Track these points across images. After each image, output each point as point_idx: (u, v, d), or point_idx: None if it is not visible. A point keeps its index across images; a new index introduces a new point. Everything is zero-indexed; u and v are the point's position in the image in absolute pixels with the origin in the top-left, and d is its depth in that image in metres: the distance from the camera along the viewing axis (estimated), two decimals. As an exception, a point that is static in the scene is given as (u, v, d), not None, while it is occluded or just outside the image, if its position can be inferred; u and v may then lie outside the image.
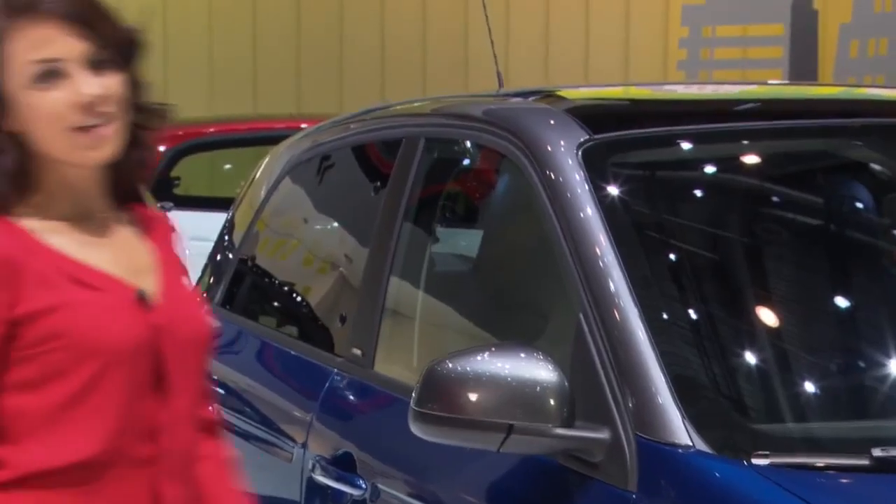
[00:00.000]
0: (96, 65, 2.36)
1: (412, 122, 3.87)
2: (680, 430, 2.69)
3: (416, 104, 4.20)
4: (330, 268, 4.14)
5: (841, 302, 3.35)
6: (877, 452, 2.64)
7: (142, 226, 2.53)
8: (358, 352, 3.58)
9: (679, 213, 3.41)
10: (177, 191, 9.91)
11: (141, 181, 2.55)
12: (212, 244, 7.97)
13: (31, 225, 2.40)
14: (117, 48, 2.39)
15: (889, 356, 3.02)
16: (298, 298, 4.26)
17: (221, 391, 4.01)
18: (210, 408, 2.62)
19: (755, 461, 2.64)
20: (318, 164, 4.33)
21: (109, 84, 2.35)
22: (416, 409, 2.78)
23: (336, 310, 3.85)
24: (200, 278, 4.71)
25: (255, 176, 4.70)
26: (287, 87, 15.75)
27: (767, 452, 2.65)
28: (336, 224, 4.19)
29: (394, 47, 16.16)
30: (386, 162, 3.84)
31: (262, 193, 4.48)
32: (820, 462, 2.67)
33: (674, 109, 4.01)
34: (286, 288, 4.36)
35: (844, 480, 2.65)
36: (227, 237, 4.65)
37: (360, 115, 4.31)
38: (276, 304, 4.34)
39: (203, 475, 2.53)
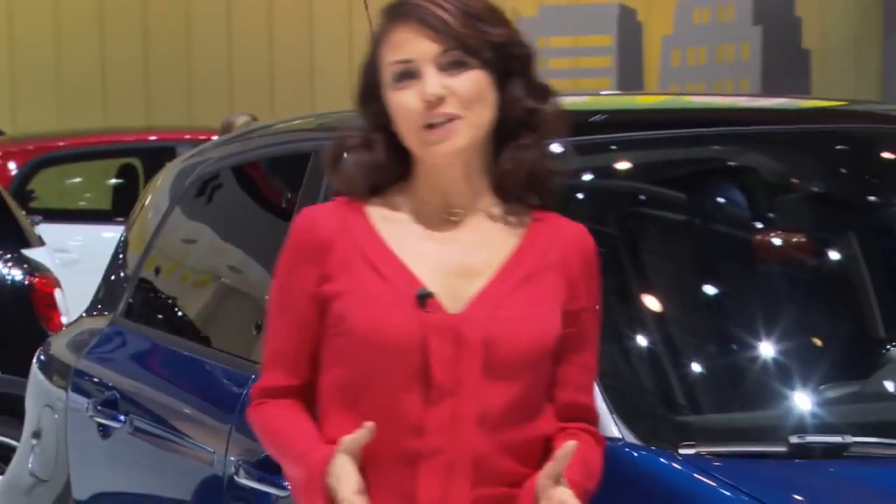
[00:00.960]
0: (448, 66, 2.37)
1: (321, 136, 3.85)
2: (609, 424, 2.69)
3: (315, 119, 4.18)
4: (245, 280, 4.09)
5: (757, 301, 3.36)
6: (794, 440, 2.72)
7: (524, 225, 2.47)
8: None
9: (591, 215, 3.31)
10: (33, 203, 9.66)
11: (517, 176, 2.44)
12: (69, 255, 7.91)
13: (379, 212, 2.45)
14: (475, 50, 2.37)
15: (802, 352, 3.10)
16: (210, 311, 4.21)
17: (139, 400, 4.03)
18: (546, 423, 2.44)
19: (682, 451, 2.67)
20: (217, 177, 4.30)
21: (455, 84, 2.36)
22: None
23: (253, 319, 3.81)
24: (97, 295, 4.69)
25: (145, 196, 4.63)
26: (137, 100, 15.51)
27: (693, 443, 2.69)
28: (244, 236, 4.15)
29: (241, 59, 16.00)
30: (290, 175, 3.82)
31: (158, 210, 4.42)
32: (742, 450, 2.72)
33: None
34: (197, 301, 4.31)
35: (765, 466, 2.69)
36: (121, 255, 4.59)
37: (259, 130, 4.31)
38: (189, 315, 4.29)
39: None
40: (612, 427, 2.69)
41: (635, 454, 2.66)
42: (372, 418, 2.33)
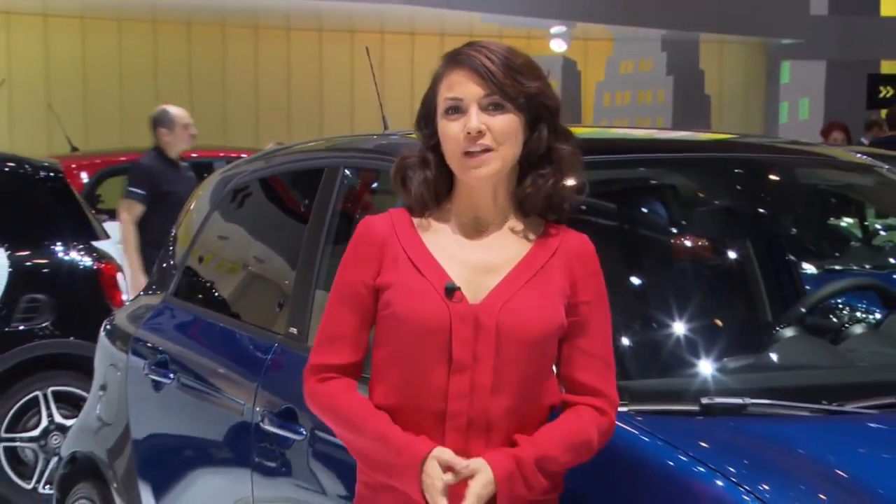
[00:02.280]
0: (488, 107, 2.38)
1: (331, 155, 3.84)
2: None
3: (325, 142, 4.16)
4: (270, 267, 4.07)
5: (674, 291, 3.38)
6: (705, 400, 2.70)
7: (538, 235, 2.48)
8: (294, 330, 3.52)
9: None
10: (100, 205, 9.58)
11: (536, 201, 2.45)
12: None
13: (422, 223, 2.47)
14: (512, 97, 2.38)
15: (709, 331, 3.12)
16: (243, 292, 4.18)
17: (185, 361, 3.99)
18: (576, 395, 2.46)
19: (621, 409, 2.60)
20: (249, 187, 4.26)
21: (493, 122, 2.38)
22: None
23: (276, 299, 3.80)
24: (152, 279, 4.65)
25: (191, 200, 4.59)
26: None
27: (626, 402, 2.66)
28: (271, 233, 4.12)
29: (265, 95, 15.97)
30: (308, 186, 3.80)
31: (202, 211, 4.38)
32: (662, 408, 2.70)
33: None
34: (233, 283, 4.28)
35: (680, 421, 2.66)
36: (172, 246, 4.55)
37: (281, 150, 4.27)
38: (225, 295, 4.26)
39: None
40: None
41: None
42: (406, 383, 2.41)
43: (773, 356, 3.08)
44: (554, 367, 2.49)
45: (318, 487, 3.24)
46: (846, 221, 4.89)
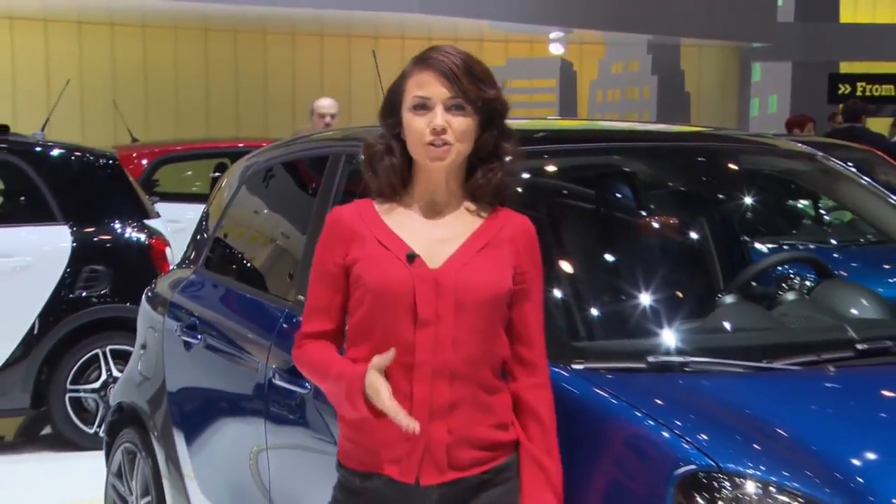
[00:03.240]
0: (452, 107, 2.37)
1: (335, 144, 3.81)
2: None
3: (334, 133, 4.14)
4: (281, 243, 4.04)
5: (628, 261, 3.34)
6: (651, 359, 2.70)
7: (486, 215, 2.47)
8: (301, 298, 3.45)
9: (529, 203, 3.31)
10: (157, 189, 9.61)
11: (487, 189, 2.45)
12: (184, 226, 7.85)
13: (383, 207, 2.47)
14: (472, 99, 2.38)
15: (662, 299, 3.06)
16: (260, 263, 4.16)
17: (210, 325, 3.97)
18: (522, 349, 2.45)
19: (574, 366, 2.65)
20: (272, 170, 4.24)
21: (454, 122, 2.37)
22: None
23: (287, 270, 3.78)
24: (186, 253, 4.63)
25: (222, 181, 4.57)
26: (230, 120, 15.53)
27: (582, 360, 2.67)
28: (284, 212, 4.10)
29: (301, 93, 15.95)
30: (317, 170, 3.78)
31: (229, 192, 4.36)
32: (615, 365, 2.69)
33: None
34: (252, 256, 4.26)
35: (632, 377, 2.65)
36: (204, 222, 4.54)
37: (300, 138, 4.24)
38: (246, 267, 4.25)
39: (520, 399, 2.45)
40: None
41: (546, 368, 2.58)
42: (379, 341, 2.39)
43: (715, 320, 3.06)
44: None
45: (319, 435, 3.22)
46: (789, 202, 4.84)
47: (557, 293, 2.98)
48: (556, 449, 2.43)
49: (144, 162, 9.77)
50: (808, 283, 3.43)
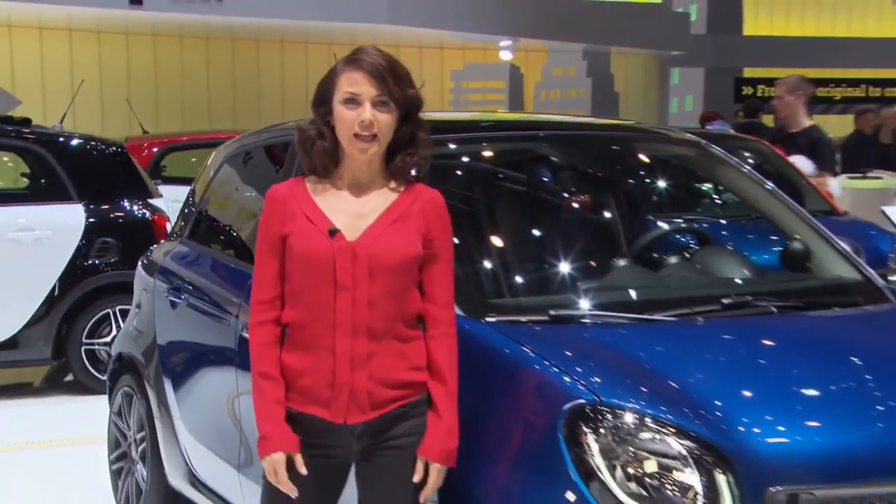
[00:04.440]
0: (377, 104, 2.33)
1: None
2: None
3: (292, 123, 4.08)
4: (252, 215, 3.97)
5: (540, 231, 3.33)
6: (552, 312, 2.69)
7: (400, 190, 2.43)
8: None
9: (464, 183, 3.37)
10: (164, 174, 9.52)
11: (405, 170, 2.43)
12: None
13: (313, 186, 2.43)
14: (395, 98, 2.35)
15: (559, 262, 3.04)
16: (234, 233, 4.10)
17: (192, 286, 3.93)
18: (431, 307, 2.41)
19: (487, 319, 2.64)
20: (246, 154, 4.18)
21: (379, 117, 2.33)
22: None
23: (255, 239, 3.73)
24: (174, 225, 4.57)
25: (206, 163, 4.53)
26: (227, 115, 15.45)
27: (495, 315, 2.66)
28: (256, 189, 4.04)
29: (290, 94, 15.88)
30: (283, 154, 3.74)
31: (211, 173, 4.33)
32: (523, 319, 2.67)
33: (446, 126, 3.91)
34: (227, 227, 4.21)
35: (536, 328, 2.64)
36: (190, 199, 4.49)
37: (266, 128, 4.18)
38: (221, 237, 4.20)
39: (430, 349, 2.41)
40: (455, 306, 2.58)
41: (464, 323, 2.56)
42: (307, 304, 2.37)
43: (608, 281, 3.05)
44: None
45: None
46: (678, 182, 4.83)
47: (475, 258, 2.96)
48: (453, 393, 2.40)
49: (154, 150, 9.69)
50: (690, 249, 3.43)
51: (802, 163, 6.93)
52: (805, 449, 2.27)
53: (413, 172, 2.45)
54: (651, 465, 2.23)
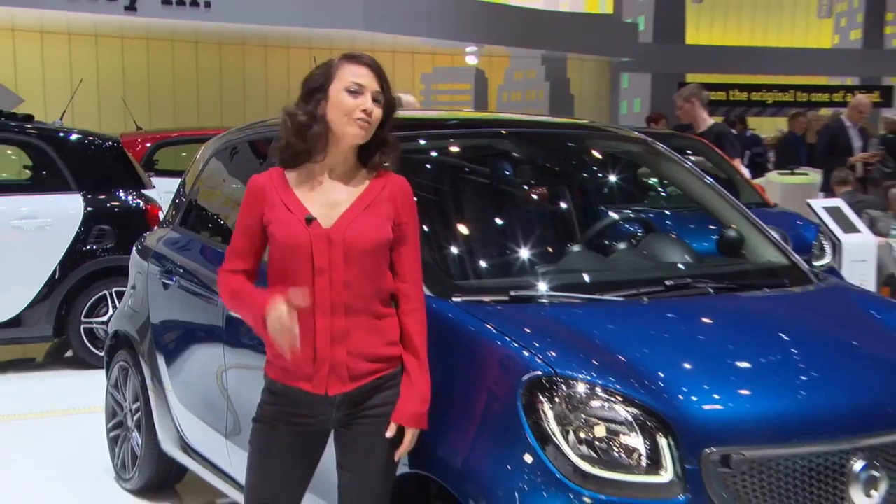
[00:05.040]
0: (375, 99, 2.37)
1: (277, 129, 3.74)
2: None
3: (276, 120, 4.05)
4: (237, 205, 3.95)
5: (502, 220, 3.32)
6: (512, 293, 2.69)
7: (370, 178, 2.42)
8: None
9: (433, 175, 3.35)
10: (157, 167, 9.42)
11: (382, 161, 2.42)
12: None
13: (292, 175, 2.40)
14: (385, 98, 2.37)
15: (519, 247, 3.05)
16: (221, 221, 4.07)
17: (183, 269, 3.90)
18: (402, 285, 2.41)
19: (454, 299, 2.64)
20: (232, 149, 4.14)
21: (374, 110, 2.34)
22: None
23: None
24: (166, 214, 4.53)
25: (196, 157, 4.49)
26: (215, 112, 15.31)
27: (460, 295, 2.66)
28: (241, 180, 4.01)
29: (273, 93, 15.74)
30: (266, 148, 3.70)
31: (200, 166, 4.29)
32: (486, 299, 2.67)
33: (416, 123, 3.90)
34: (215, 216, 4.17)
35: (497, 307, 2.64)
36: (181, 189, 4.45)
37: (251, 124, 4.16)
38: (210, 224, 4.16)
39: (403, 324, 2.41)
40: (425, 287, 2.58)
41: (433, 303, 2.57)
42: (289, 286, 2.33)
43: (563, 265, 3.06)
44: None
45: (260, 354, 3.17)
46: (627, 176, 4.86)
47: (443, 244, 2.96)
48: (424, 363, 2.41)
49: (147, 145, 9.60)
50: (637, 236, 3.45)
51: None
52: (737, 414, 2.31)
53: (386, 164, 2.45)
54: (600, 430, 2.25)
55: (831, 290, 3.05)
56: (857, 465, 2.32)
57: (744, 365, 2.45)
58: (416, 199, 2.49)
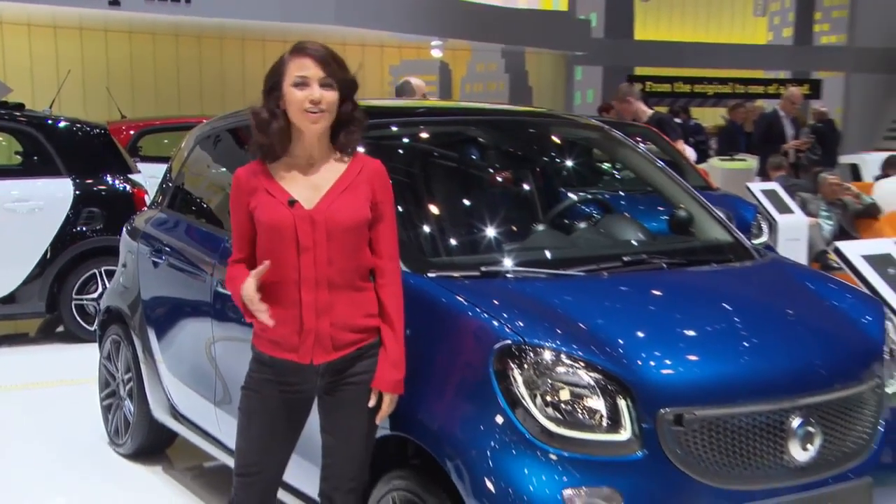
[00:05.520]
0: (323, 84, 2.30)
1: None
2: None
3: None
4: (222, 189, 3.91)
5: (471, 202, 3.32)
6: (483, 269, 2.70)
7: (348, 164, 2.40)
8: None
9: (405, 159, 3.33)
10: (141, 153, 9.29)
11: (350, 145, 2.40)
12: (157, 179, 7.58)
13: (272, 166, 2.37)
14: (337, 80, 2.32)
15: (487, 227, 3.05)
16: (207, 204, 4.03)
17: (172, 249, 3.87)
18: (379, 261, 2.41)
19: (429, 275, 2.64)
20: (215, 136, 4.09)
21: (326, 96, 2.30)
22: None
23: (226, 208, 3.64)
24: (154, 197, 4.48)
25: (181, 144, 4.45)
26: (195, 102, 15.11)
27: (435, 271, 2.66)
28: (225, 165, 3.96)
29: (251, 83, 15.56)
30: (248, 135, 3.66)
31: (186, 152, 4.24)
32: (457, 274, 2.67)
33: (391, 112, 3.88)
34: (201, 198, 4.13)
35: (467, 282, 2.64)
36: (168, 174, 4.40)
37: (236, 112, 4.12)
38: (197, 207, 4.12)
39: (380, 295, 2.41)
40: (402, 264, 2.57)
41: (410, 278, 2.58)
42: (275, 264, 2.34)
43: (528, 243, 3.07)
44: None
45: (246, 327, 3.17)
46: (585, 160, 4.90)
47: (418, 225, 2.95)
48: (399, 332, 2.41)
49: (131, 133, 9.46)
50: (595, 216, 3.48)
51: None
52: (688, 377, 2.35)
53: (356, 147, 2.43)
54: (565, 394, 2.28)
55: (770, 264, 3.10)
56: (795, 422, 2.38)
57: (694, 333, 2.48)
58: (392, 182, 2.48)
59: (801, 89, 13.12)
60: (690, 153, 7.19)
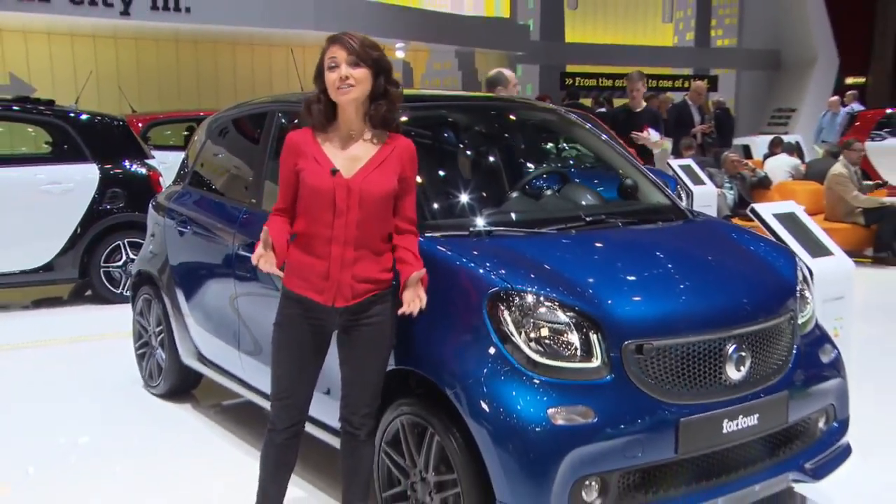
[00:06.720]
0: (352, 64, 2.29)
1: (268, 106, 3.61)
2: None
3: (268, 98, 3.90)
4: (240, 167, 3.85)
5: (462, 175, 3.28)
6: (471, 229, 2.71)
7: (384, 141, 2.37)
8: (254, 200, 3.39)
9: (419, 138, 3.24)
10: (149, 142, 9.08)
11: (378, 117, 2.35)
12: (168, 165, 7.42)
13: (319, 135, 2.34)
14: (364, 60, 2.27)
15: (477, 196, 3.01)
16: (225, 182, 3.95)
17: (195, 220, 3.80)
18: (401, 223, 2.39)
19: (426, 235, 2.61)
20: (229, 123, 4.03)
21: (354, 73, 2.27)
22: None
23: (244, 184, 3.63)
24: (176, 177, 4.37)
25: (196, 133, 4.34)
26: (193, 97, 14.76)
27: (430, 231, 2.64)
28: (241, 149, 3.91)
29: (242, 79, 15.25)
30: (258, 122, 3.60)
31: (203, 136, 4.16)
32: (448, 234, 2.67)
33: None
34: (221, 178, 4.04)
35: (457, 240, 2.63)
36: (185, 160, 4.31)
37: (243, 103, 4.02)
38: (217, 184, 4.03)
39: (398, 252, 2.39)
40: None
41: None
42: (312, 220, 2.33)
43: (507, 207, 3.07)
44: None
45: (264, 283, 3.16)
46: (545, 138, 4.88)
47: (417, 194, 2.93)
48: (417, 256, 2.40)
49: (140, 125, 9.27)
50: (557, 185, 3.48)
51: (653, 133, 7.09)
52: (647, 315, 2.39)
53: (384, 123, 2.38)
54: (546, 331, 2.31)
55: (703, 222, 3.15)
56: (730, 348, 2.44)
57: (649, 278, 2.53)
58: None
59: (703, 83, 13.28)
60: (654, 134, 7.18)
